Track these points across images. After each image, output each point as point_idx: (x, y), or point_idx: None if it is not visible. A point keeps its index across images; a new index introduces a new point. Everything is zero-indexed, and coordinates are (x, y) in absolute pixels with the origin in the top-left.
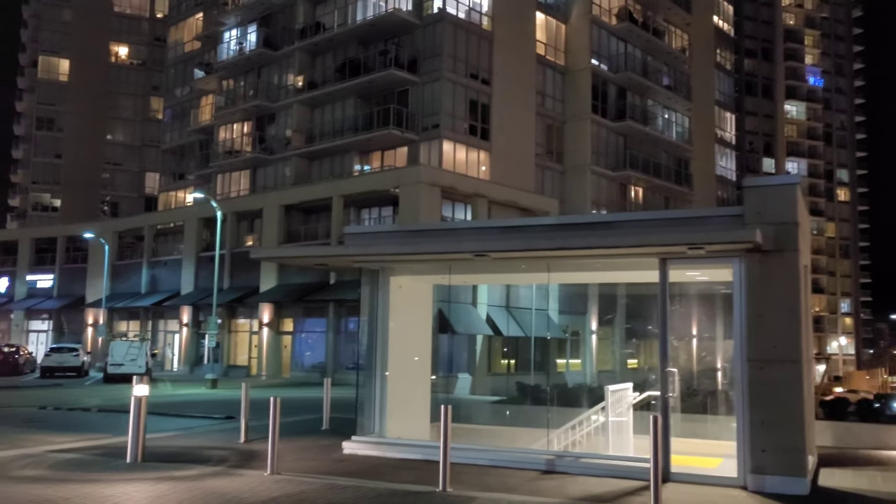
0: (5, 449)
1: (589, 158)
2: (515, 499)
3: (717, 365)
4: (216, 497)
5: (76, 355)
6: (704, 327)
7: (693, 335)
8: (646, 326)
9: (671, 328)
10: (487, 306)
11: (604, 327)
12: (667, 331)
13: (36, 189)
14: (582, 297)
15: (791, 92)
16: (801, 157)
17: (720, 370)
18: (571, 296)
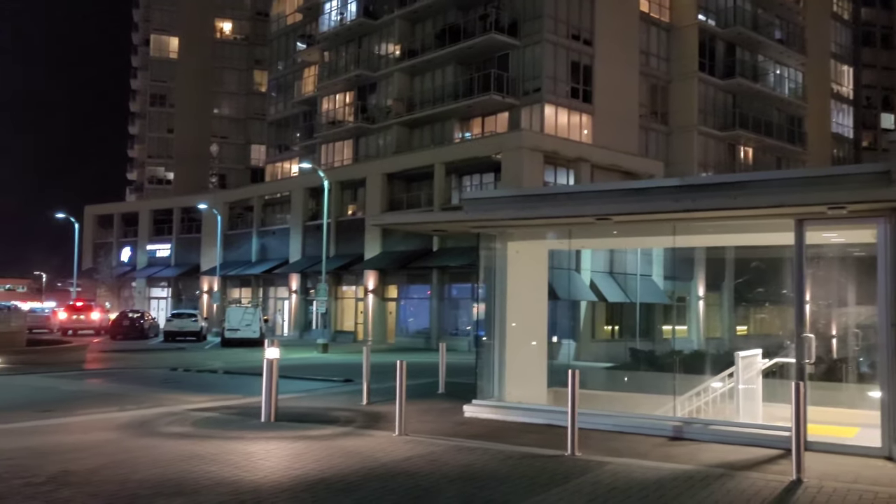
0: (151, 407)
1: (696, 118)
2: (648, 464)
3: (850, 330)
4: (353, 456)
5: (195, 320)
6: (838, 291)
7: (826, 300)
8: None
9: (806, 292)
10: (591, 272)
11: (711, 293)
12: (803, 295)
13: (151, 163)
14: (688, 262)
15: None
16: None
17: (854, 336)
18: (677, 261)
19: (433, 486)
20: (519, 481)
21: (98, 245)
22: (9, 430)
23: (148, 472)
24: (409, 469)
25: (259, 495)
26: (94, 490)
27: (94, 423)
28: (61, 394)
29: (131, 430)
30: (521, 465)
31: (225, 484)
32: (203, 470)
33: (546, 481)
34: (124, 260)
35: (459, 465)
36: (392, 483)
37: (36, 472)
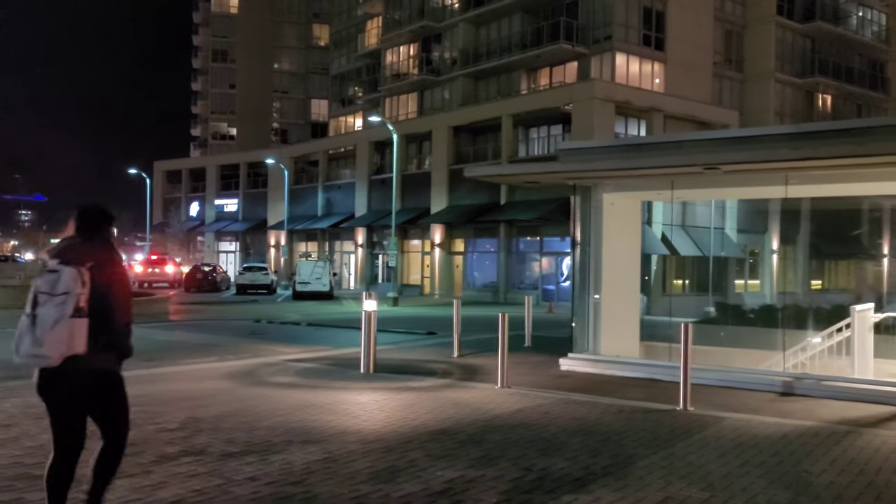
0: (249, 357)
1: (773, 65)
2: (768, 420)
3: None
4: (464, 407)
5: (266, 274)
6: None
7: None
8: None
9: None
10: (662, 225)
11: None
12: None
13: (214, 119)
14: (762, 214)
15: None
16: None
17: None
18: (751, 213)
19: (554, 439)
20: (639, 434)
21: (167, 200)
22: (126, 378)
23: (272, 419)
24: (525, 421)
25: (387, 443)
26: (227, 437)
27: (202, 373)
28: (158, 344)
29: (239, 379)
30: (636, 418)
31: (349, 432)
32: (323, 419)
33: (666, 435)
34: (193, 215)
35: (573, 419)
36: (513, 435)
37: (166, 418)
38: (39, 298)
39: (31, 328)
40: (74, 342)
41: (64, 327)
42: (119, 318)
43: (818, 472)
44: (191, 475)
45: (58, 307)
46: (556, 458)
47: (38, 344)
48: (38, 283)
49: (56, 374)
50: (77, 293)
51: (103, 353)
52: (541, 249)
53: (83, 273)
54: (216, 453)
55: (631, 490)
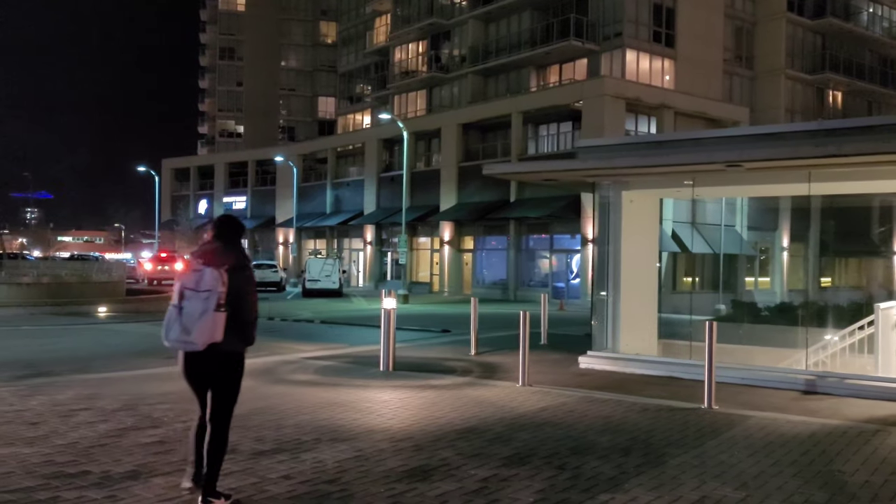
0: (267, 355)
1: (783, 61)
2: (794, 419)
3: None
4: (488, 405)
5: (275, 271)
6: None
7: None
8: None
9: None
10: (672, 222)
11: (796, 243)
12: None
13: (221, 116)
14: (772, 211)
15: None
16: None
17: None
18: (761, 211)
19: (583, 437)
20: (667, 433)
21: (175, 197)
22: (148, 376)
23: (298, 417)
24: (551, 419)
25: (416, 442)
26: (255, 435)
27: None
28: None
29: (260, 377)
30: (661, 417)
31: (377, 431)
32: (349, 417)
33: (694, 434)
34: (201, 212)
35: (599, 417)
36: (540, 433)
37: (192, 416)
38: (185, 293)
39: (179, 318)
40: (216, 332)
41: (209, 319)
42: (249, 313)
43: (851, 472)
44: (225, 473)
45: (203, 302)
46: (588, 456)
47: (186, 332)
48: (183, 280)
49: (199, 357)
50: (219, 291)
51: (234, 341)
52: (551, 247)
53: (222, 274)
54: (247, 451)
55: (666, 489)
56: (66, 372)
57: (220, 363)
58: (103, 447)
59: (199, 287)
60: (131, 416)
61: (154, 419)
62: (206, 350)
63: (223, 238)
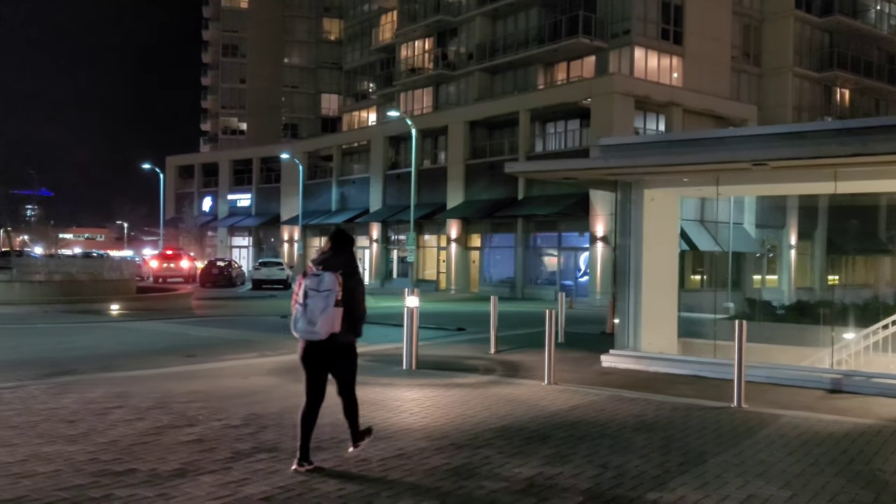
0: (288, 354)
1: (791, 59)
2: (826, 418)
3: None
4: (518, 404)
5: (282, 269)
6: None
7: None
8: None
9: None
10: (681, 220)
11: (803, 241)
12: None
13: (224, 113)
14: (780, 210)
15: None
16: None
17: None
18: (769, 209)
19: (619, 436)
20: (702, 432)
21: (180, 195)
22: (173, 374)
23: (332, 416)
24: (583, 418)
25: (454, 441)
26: (293, 433)
27: (245, 369)
28: (195, 339)
29: (284, 375)
30: (693, 416)
31: (413, 429)
32: (382, 416)
33: (729, 433)
34: (205, 209)
35: (631, 416)
36: (576, 432)
37: (227, 414)
38: (309, 293)
39: (304, 313)
40: (336, 324)
41: (330, 314)
42: (359, 309)
43: (892, 471)
44: (271, 472)
45: (324, 299)
46: (628, 455)
47: (311, 324)
48: (306, 282)
49: (320, 345)
50: (336, 291)
51: (348, 331)
52: (559, 245)
53: (338, 277)
54: (288, 450)
55: (712, 488)
56: (90, 370)
57: (337, 351)
58: (144, 445)
59: (319, 288)
60: (166, 415)
61: (189, 417)
62: (326, 340)
63: (337, 248)
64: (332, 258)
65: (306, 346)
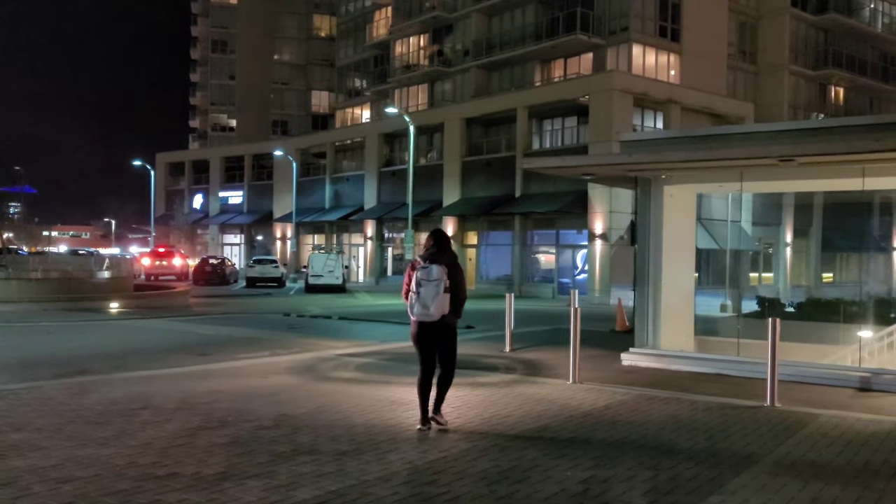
0: (300, 352)
1: (787, 57)
2: (864, 417)
3: None
4: (549, 403)
5: (276, 266)
6: None
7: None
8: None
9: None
10: None
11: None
12: None
13: (213, 110)
14: (776, 207)
15: None
16: None
17: None
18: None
19: (660, 437)
20: (743, 432)
21: (170, 192)
22: (190, 373)
23: (364, 417)
24: (619, 418)
25: (495, 442)
26: (328, 434)
27: (262, 368)
28: (203, 338)
29: (303, 374)
30: (729, 415)
31: (449, 430)
32: (414, 416)
33: (770, 433)
34: (196, 207)
35: (667, 416)
36: (615, 433)
37: (257, 415)
38: (421, 283)
39: (419, 300)
40: (445, 307)
41: (441, 298)
42: (462, 296)
43: None
44: (318, 475)
45: (435, 287)
46: (677, 457)
47: (426, 308)
48: (417, 274)
49: (432, 325)
50: (444, 280)
51: (452, 314)
52: (557, 242)
53: (443, 269)
54: (329, 452)
55: (773, 490)
56: (105, 370)
57: (443, 331)
58: (180, 448)
59: (430, 277)
60: (193, 416)
61: (218, 419)
62: (437, 321)
63: (440, 244)
64: (437, 253)
65: (419, 326)
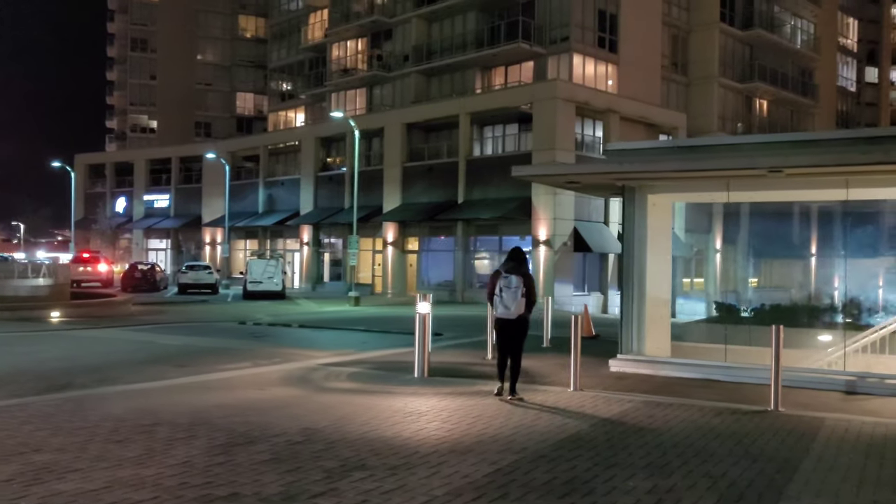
0: (283, 363)
1: (716, 70)
2: (866, 420)
3: None
4: (567, 412)
5: (210, 272)
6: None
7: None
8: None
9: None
10: (618, 225)
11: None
12: None
13: (133, 111)
14: (706, 215)
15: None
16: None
17: None
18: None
19: (691, 443)
20: (766, 437)
21: (90, 195)
22: (183, 386)
23: (393, 429)
24: (639, 425)
25: (538, 452)
26: (369, 448)
27: (254, 380)
28: (170, 348)
29: (300, 385)
30: (742, 420)
31: (484, 441)
32: (440, 427)
33: (791, 438)
34: (119, 211)
35: (685, 422)
36: (645, 440)
37: (280, 429)
38: (503, 289)
39: (502, 301)
40: (522, 308)
41: (519, 301)
42: (533, 298)
43: None
44: (383, 492)
45: (514, 292)
46: (721, 463)
47: (507, 308)
48: (500, 282)
49: (511, 321)
50: (521, 288)
51: (525, 313)
52: (500, 248)
53: (521, 278)
54: (380, 467)
55: (831, 496)
56: (90, 384)
57: (519, 325)
58: (223, 466)
59: (510, 286)
60: (215, 431)
61: (242, 434)
62: (515, 318)
63: (517, 260)
64: (515, 266)
65: (500, 322)
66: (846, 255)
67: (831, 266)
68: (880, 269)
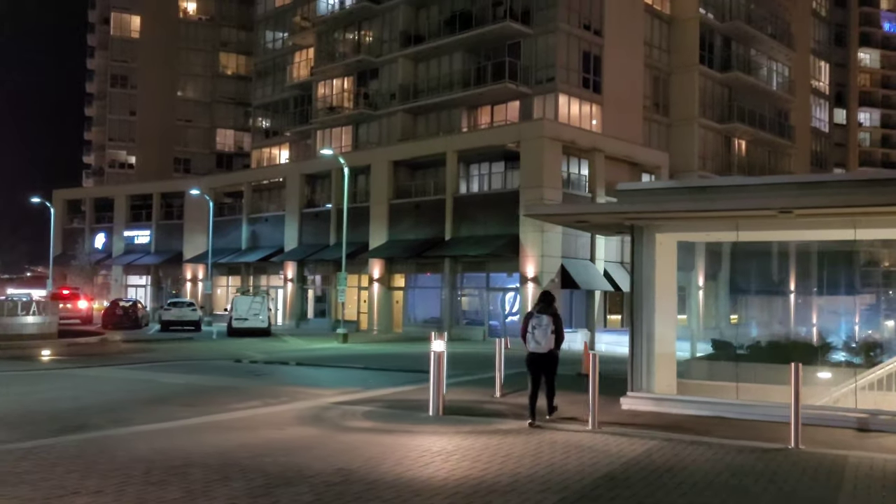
0: (291, 402)
1: (697, 110)
2: (889, 458)
3: None
4: (593, 452)
5: (194, 309)
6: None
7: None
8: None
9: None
10: (605, 262)
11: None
12: None
13: (112, 146)
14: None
15: (865, 39)
16: (875, 106)
17: None
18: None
19: (724, 481)
20: (793, 474)
21: (68, 231)
22: (201, 426)
23: (426, 469)
24: (668, 465)
25: (580, 493)
26: (412, 490)
27: (269, 419)
28: (175, 388)
29: (317, 425)
30: (766, 458)
31: (520, 482)
32: (473, 467)
33: (822, 475)
34: (98, 247)
35: (712, 461)
36: (680, 479)
37: (314, 470)
38: (535, 327)
39: (533, 337)
40: (551, 343)
41: (549, 338)
42: (561, 335)
43: None
44: None
45: (544, 329)
46: (762, 503)
47: (538, 344)
48: (532, 321)
49: (541, 356)
50: (550, 325)
51: (555, 349)
52: (487, 285)
53: (550, 318)
54: None
55: None
56: (105, 425)
57: (550, 358)
58: None
59: (540, 324)
60: (248, 473)
61: (277, 475)
62: (546, 353)
63: (547, 301)
64: (545, 307)
65: (533, 356)
66: (854, 291)
67: (835, 303)
68: (882, 307)
